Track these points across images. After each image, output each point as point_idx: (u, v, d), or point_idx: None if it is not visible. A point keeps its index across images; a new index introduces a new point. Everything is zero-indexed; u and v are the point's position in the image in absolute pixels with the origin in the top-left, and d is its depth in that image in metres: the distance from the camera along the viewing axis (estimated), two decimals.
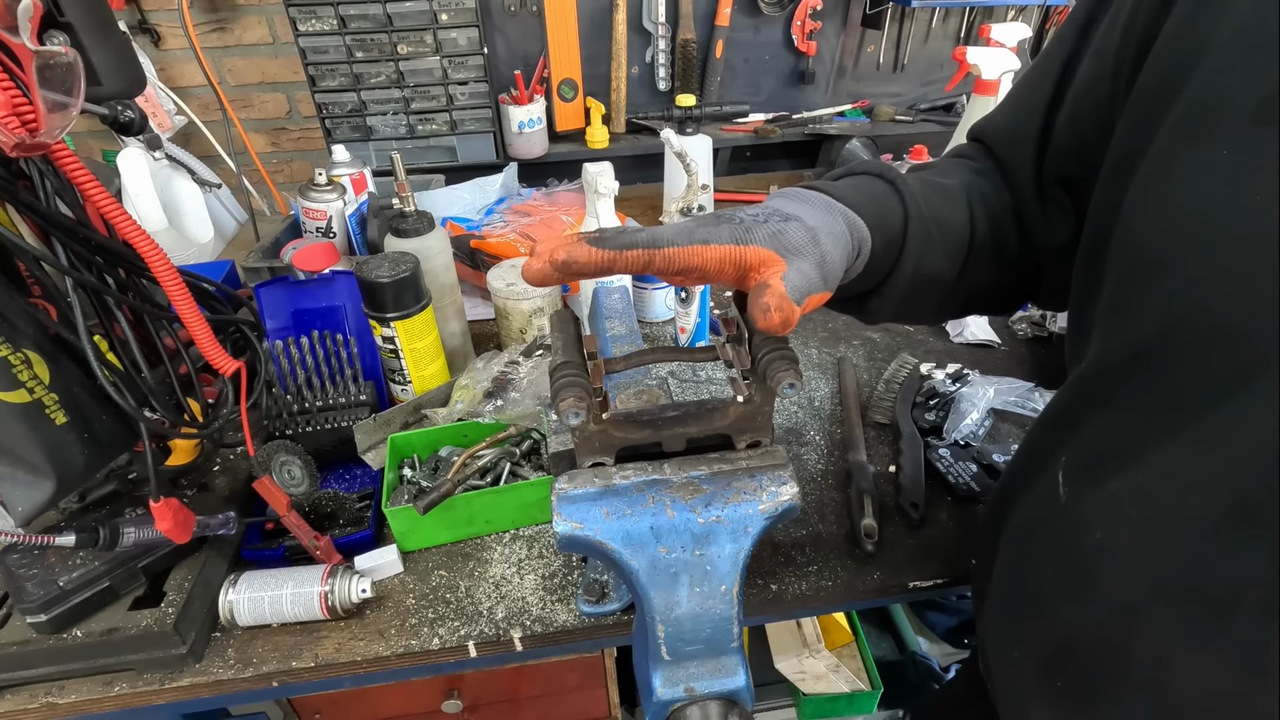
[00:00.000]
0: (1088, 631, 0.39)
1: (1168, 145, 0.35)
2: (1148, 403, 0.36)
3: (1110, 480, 0.38)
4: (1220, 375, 0.32)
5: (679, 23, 1.48)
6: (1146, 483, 0.36)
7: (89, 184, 0.47)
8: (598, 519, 0.43)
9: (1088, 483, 0.40)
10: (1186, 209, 0.34)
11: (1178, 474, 0.34)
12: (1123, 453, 0.37)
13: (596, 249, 0.35)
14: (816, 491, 0.77)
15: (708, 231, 0.37)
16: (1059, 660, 0.41)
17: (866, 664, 1.15)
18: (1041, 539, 0.44)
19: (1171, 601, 0.34)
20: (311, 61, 1.36)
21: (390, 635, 0.64)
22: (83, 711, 0.60)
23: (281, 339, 0.79)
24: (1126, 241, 0.38)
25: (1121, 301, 0.39)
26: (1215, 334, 0.32)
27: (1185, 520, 0.33)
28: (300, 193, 1.07)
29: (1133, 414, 0.37)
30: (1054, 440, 0.45)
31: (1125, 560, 0.37)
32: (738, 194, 1.49)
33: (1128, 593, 0.36)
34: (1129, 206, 0.38)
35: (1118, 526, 0.37)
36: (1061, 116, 0.48)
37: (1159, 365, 0.35)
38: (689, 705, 0.43)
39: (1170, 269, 0.34)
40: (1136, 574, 0.36)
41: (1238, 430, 0.31)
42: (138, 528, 0.60)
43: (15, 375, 0.50)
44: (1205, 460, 0.33)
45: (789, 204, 0.42)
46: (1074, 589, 0.40)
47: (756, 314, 0.35)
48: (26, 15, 0.41)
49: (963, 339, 1.00)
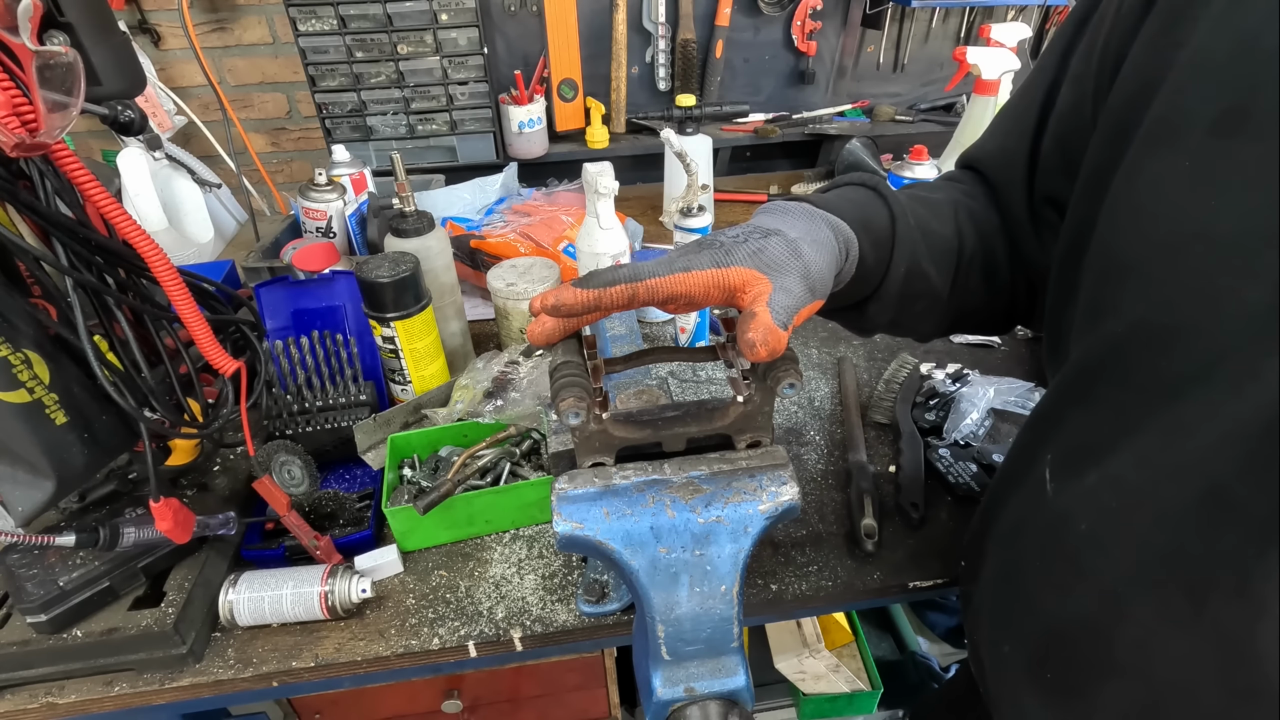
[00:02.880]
0: (1075, 621, 0.40)
1: (1136, 157, 0.38)
2: (1120, 398, 0.38)
3: (1090, 473, 0.39)
4: (1184, 368, 0.34)
5: (679, 23, 1.48)
6: (1123, 473, 0.37)
7: (89, 184, 0.47)
8: (598, 519, 0.43)
9: (1070, 477, 0.41)
10: (1152, 214, 0.36)
11: (1151, 464, 0.35)
12: (1100, 446, 0.39)
13: (582, 290, 0.38)
14: (816, 491, 0.77)
15: (688, 259, 0.39)
16: (1048, 652, 0.42)
17: (866, 664, 1.15)
18: (1029, 535, 0.45)
19: (1152, 588, 0.35)
20: (311, 61, 1.36)
21: (390, 635, 0.64)
22: (83, 711, 0.60)
23: (281, 339, 0.79)
24: (1100, 249, 0.40)
25: (1096, 305, 0.40)
26: (1178, 330, 0.34)
27: (1161, 508, 0.35)
28: (300, 193, 1.07)
29: (1108, 409, 0.39)
30: (1039, 440, 0.46)
31: (1108, 549, 0.38)
32: (738, 194, 1.49)
33: (1111, 581, 0.37)
34: (1103, 216, 0.40)
35: (1099, 517, 0.38)
36: (1047, 139, 0.50)
37: (1130, 362, 0.37)
38: (689, 705, 0.43)
39: (1138, 271, 0.37)
40: (1119, 562, 0.37)
41: (1204, 419, 0.33)
42: (138, 528, 0.60)
43: (15, 375, 0.50)
44: (1175, 450, 0.34)
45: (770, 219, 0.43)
46: (1061, 580, 0.41)
47: (744, 349, 0.37)
48: (26, 15, 0.41)
49: (963, 339, 1.00)
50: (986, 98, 1.19)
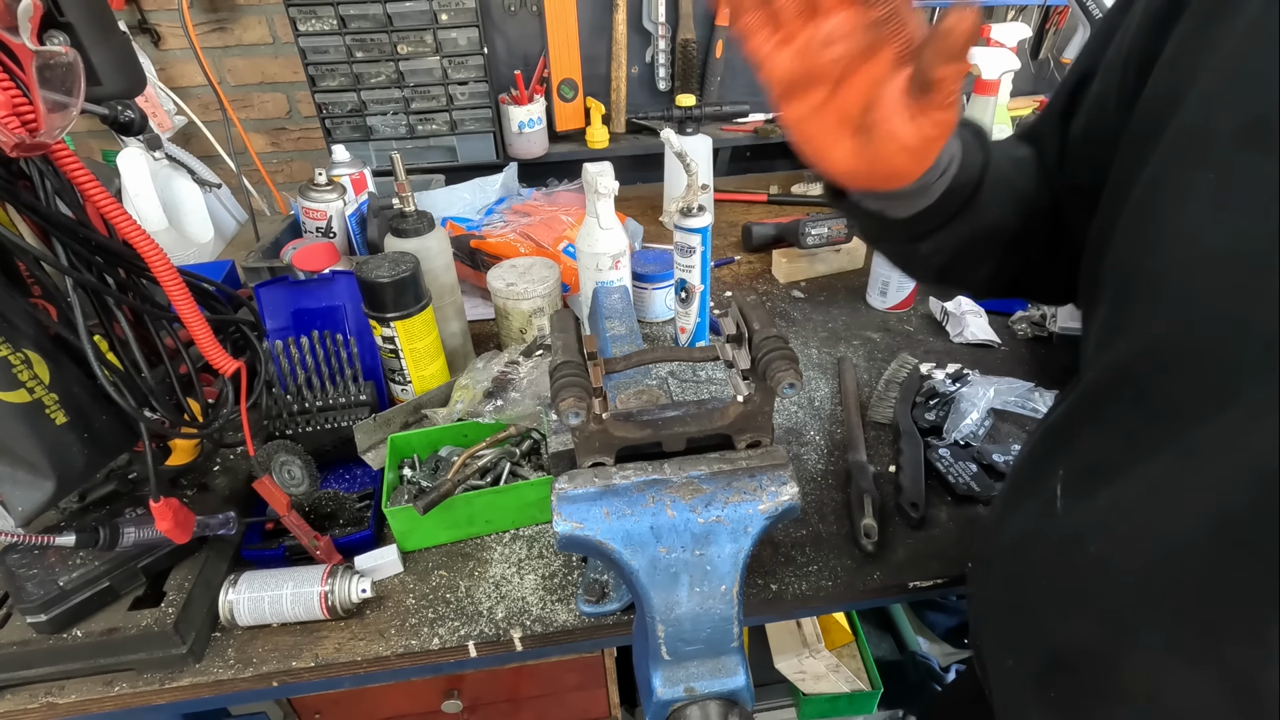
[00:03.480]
0: (1080, 644, 0.39)
1: (1160, 166, 0.36)
2: (1132, 420, 0.37)
3: (1101, 494, 0.38)
4: (1200, 393, 0.32)
5: (679, 23, 1.48)
6: (1133, 499, 0.36)
7: (89, 184, 0.47)
8: (598, 519, 0.43)
9: (1082, 496, 0.40)
10: (1172, 228, 0.34)
11: (1161, 491, 0.34)
12: (1112, 468, 0.38)
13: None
14: (816, 491, 0.77)
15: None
16: (1052, 671, 0.41)
17: (866, 664, 1.15)
18: (1038, 550, 0.44)
19: (1161, 618, 0.34)
20: (311, 61, 1.36)
21: (390, 635, 0.64)
22: (83, 711, 0.60)
23: (281, 339, 0.79)
24: (1118, 261, 0.39)
25: (1113, 319, 0.39)
26: (1194, 352, 0.32)
27: (1171, 538, 0.33)
28: (300, 193, 1.07)
29: (1120, 430, 0.38)
30: (1052, 453, 0.45)
31: (1116, 575, 0.37)
32: (738, 194, 1.49)
33: (1118, 607, 0.36)
34: (1123, 224, 0.38)
35: (1108, 541, 0.37)
36: (1076, 129, 0.48)
37: (1143, 382, 0.36)
38: (689, 705, 0.43)
39: (1155, 287, 0.35)
40: (1127, 589, 0.36)
41: (1218, 448, 0.31)
42: (138, 528, 0.60)
43: (15, 375, 0.50)
44: (1187, 478, 0.33)
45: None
46: (1068, 601, 0.40)
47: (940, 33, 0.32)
48: (26, 15, 0.41)
49: (963, 339, 1.00)
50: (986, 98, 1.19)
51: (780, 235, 1.25)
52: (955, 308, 1.01)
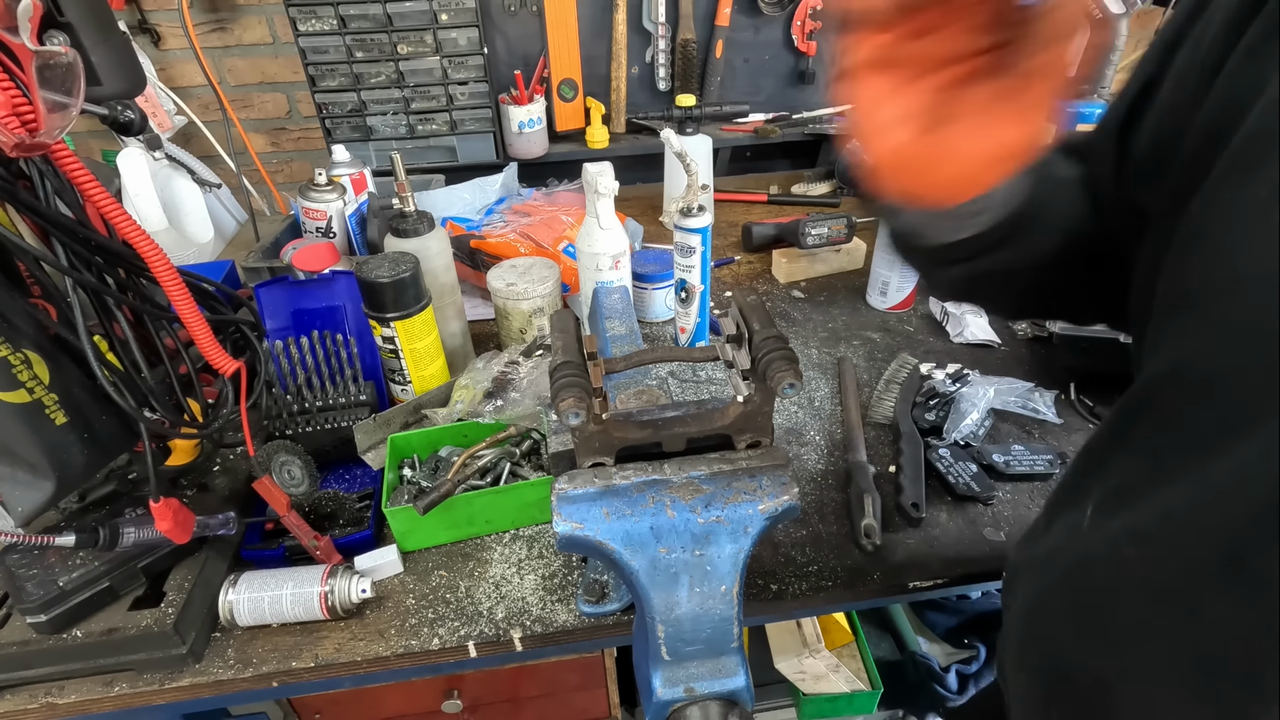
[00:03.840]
0: (1082, 667, 0.39)
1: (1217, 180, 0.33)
2: (1155, 444, 0.35)
3: (1119, 517, 0.37)
4: (1219, 421, 0.31)
5: (679, 23, 1.48)
6: (1145, 524, 0.35)
7: (89, 184, 0.47)
8: (598, 519, 0.43)
9: (1106, 518, 0.39)
10: (1218, 246, 0.32)
11: (1173, 519, 0.33)
12: (1132, 491, 0.36)
13: None
14: (816, 491, 0.77)
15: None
16: (1055, 691, 0.41)
17: (866, 664, 1.15)
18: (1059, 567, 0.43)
19: (1161, 649, 0.33)
20: (311, 61, 1.36)
21: (390, 635, 0.64)
22: (83, 711, 0.60)
23: (281, 339, 0.79)
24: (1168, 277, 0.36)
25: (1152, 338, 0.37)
26: (1220, 378, 0.31)
27: (1178, 567, 0.32)
28: (300, 193, 1.07)
29: (1143, 453, 0.37)
30: (1088, 471, 0.44)
31: (1121, 600, 0.36)
32: (738, 194, 1.49)
33: (1121, 633, 0.36)
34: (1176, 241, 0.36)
35: (1118, 565, 0.36)
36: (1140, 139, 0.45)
37: (1168, 406, 0.34)
38: (689, 705, 0.43)
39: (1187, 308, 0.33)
40: (1130, 615, 0.35)
41: (1235, 481, 0.30)
42: (138, 528, 0.60)
43: (15, 375, 0.50)
44: (1200, 509, 0.31)
45: None
46: (1076, 622, 0.40)
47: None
48: (26, 15, 0.41)
49: (963, 339, 1.00)
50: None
51: (780, 235, 1.25)
52: (955, 308, 1.01)
